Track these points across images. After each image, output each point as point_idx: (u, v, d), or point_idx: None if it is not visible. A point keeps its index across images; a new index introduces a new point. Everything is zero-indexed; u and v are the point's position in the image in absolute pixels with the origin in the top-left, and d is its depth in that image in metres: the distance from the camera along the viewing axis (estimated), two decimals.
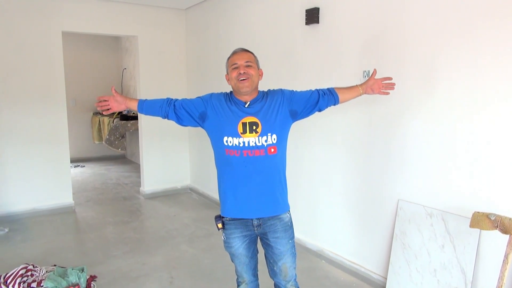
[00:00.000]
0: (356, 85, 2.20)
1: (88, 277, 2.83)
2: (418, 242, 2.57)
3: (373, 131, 2.85)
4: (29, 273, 2.77)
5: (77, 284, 2.66)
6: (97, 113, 7.55)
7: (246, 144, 1.94)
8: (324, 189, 3.31)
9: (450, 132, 2.37)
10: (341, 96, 2.14)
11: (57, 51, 4.48)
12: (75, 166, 7.08)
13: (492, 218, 1.85)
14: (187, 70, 5.42)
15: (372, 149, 2.87)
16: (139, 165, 5.52)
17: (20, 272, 2.73)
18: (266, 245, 2.08)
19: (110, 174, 6.65)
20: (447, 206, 2.43)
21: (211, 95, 2.08)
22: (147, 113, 2.10)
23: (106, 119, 7.03)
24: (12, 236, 3.92)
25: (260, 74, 2.05)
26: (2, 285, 2.62)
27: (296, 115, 2.07)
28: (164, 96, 2.30)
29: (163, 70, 5.26)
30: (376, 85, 2.24)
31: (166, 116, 2.07)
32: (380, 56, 2.74)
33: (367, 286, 2.94)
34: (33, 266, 2.86)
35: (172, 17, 5.24)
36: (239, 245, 2.07)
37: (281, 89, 2.08)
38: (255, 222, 2.01)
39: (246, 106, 1.99)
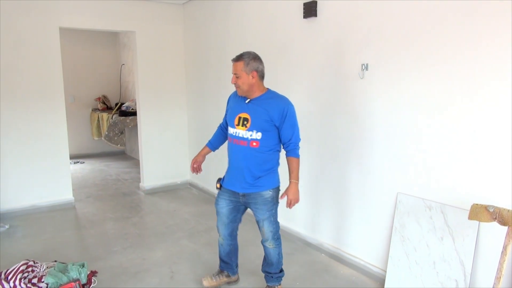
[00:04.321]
0: (292, 180, 2.48)
1: (88, 272, 2.84)
2: (417, 235, 2.57)
3: (372, 124, 2.85)
4: (30, 269, 2.77)
5: (78, 280, 2.67)
6: (96, 109, 7.54)
7: (236, 135, 2.47)
8: (323, 183, 3.31)
9: (449, 125, 2.37)
10: (288, 160, 2.47)
11: (54, 47, 4.47)
12: (74, 163, 7.09)
13: (491, 210, 1.85)
14: (185, 64, 5.40)
15: (371, 142, 2.87)
16: (139, 160, 5.52)
17: (21, 268, 2.74)
18: (252, 211, 2.58)
19: (110, 170, 6.65)
20: (446, 199, 2.43)
21: (229, 97, 2.66)
22: (220, 145, 2.84)
23: (105, 115, 7.03)
24: (12, 232, 3.93)
25: (253, 77, 2.39)
26: (3, 281, 2.63)
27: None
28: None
29: (161, 65, 5.24)
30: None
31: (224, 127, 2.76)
32: (379, 49, 2.73)
33: (367, 279, 2.96)
34: (34, 262, 2.87)
35: (170, 12, 5.21)
36: (223, 205, 2.63)
37: (287, 108, 2.40)
38: (240, 194, 2.53)
39: (246, 102, 2.46)
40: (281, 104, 2.41)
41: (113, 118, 6.72)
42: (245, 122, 2.41)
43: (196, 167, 2.82)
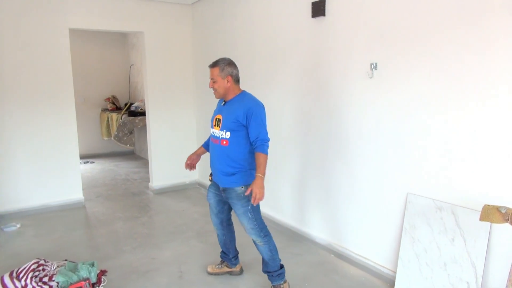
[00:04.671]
0: (257, 174, 2.50)
1: (98, 271, 2.86)
2: (428, 236, 2.55)
3: (381, 124, 2.82)
4: (40, 268, 2.80)
5: (88, 279, 2.69)
6: (105, 110, 7.60)
7: (213, 134, 2.71)
8: (332, 183, 3.29)
9: (460, 124, 2.34)
10: (255, 155, 2.55)
11: (64, 48, 4.51)
12: (84, 162, 7.15)
13: (503, 211, 1.82)
14: (193, 65, 5.42)
15: (380, 141, 2.84)
16: (148, 160, 5.55)
17: (32, 267, 2.77)
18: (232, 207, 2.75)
19: (119, 170, 6.70)
20: (457, 199, 2.40)
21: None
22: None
23: (114, 116, 7.08)
24: (24, 231, 3.98)
25: (228, 81, 2.60)
26: (14, 280, 2.66)
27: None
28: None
29: (169, 66, 5.26)
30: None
31: None
32: (388, 48, 2.70)
33: (376, 280, 2.93)
34: (45, 261, 2.90)
35: (178, 12, 5.23)
36: (211, 197, 2.86)
37: (252, 108, 2.55)
38: (221, 188, 2.70)
39: (222, 104, 2.73)
40: (246, 105, 2.57)
41: (122, 118, 6.77)
42: (219, 123, 2.66)
43: (190, 164, 2.97)
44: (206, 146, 2.96)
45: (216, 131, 2.67)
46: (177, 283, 2.94)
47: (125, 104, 7.37)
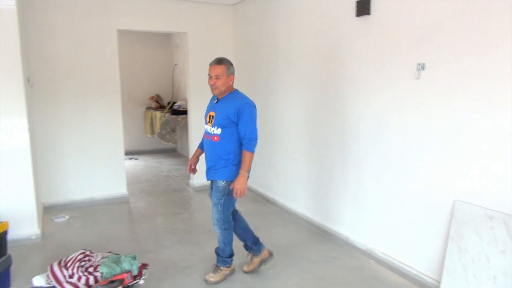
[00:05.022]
0: (241, 171, 2.69)
1: (140, 264, 2.95)
2: (476, 246, 2.41)
3: (428, 126, 2.71)
4: (86, 258, 2.93)
5: (130, 271, 2.78)
6: (149, 108, 7.84)
7: (206, 130, 2.84)
8: (374, 186, 3.20)
9: None
10: (242, 151, 2.71)
11: (113, 48, 4.69)
12: (129, 159, 7.41)
13: None
14: (234, 64, 5.44)
15: (426, 145, 2.73)
16: (189, 158, 5.66)
17: (79, 257, 2.90)
18: None
19: (161, 167, 6.89)
20: (509, 209, 2.26)
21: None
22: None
23: (158, 114, 7.28)
24: (72, 223, 4.18)
25: (231, 80, 2.76)
26: (62, 268, 2.80)
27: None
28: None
29: None
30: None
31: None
32: (437, 48, 2.59)
33: None
34: (90, 252, 3.03)
35: (221, 12, 5.29)
36: (210, 191, 2.97)
37: (243, 107, 2.68)
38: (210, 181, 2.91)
39: (215, 102, 2.83)
40: (237, 103, 2.69)
41: (165, 117, 6.95)
42: (211, 119, 2.78)
43: (193, 168, 3.12)
44: (202, 147, 3.05)
45: (209, 127, 2.80)
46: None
47: (168, 103, 7.57)
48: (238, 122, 2.69)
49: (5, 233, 2.87)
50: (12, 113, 3.45)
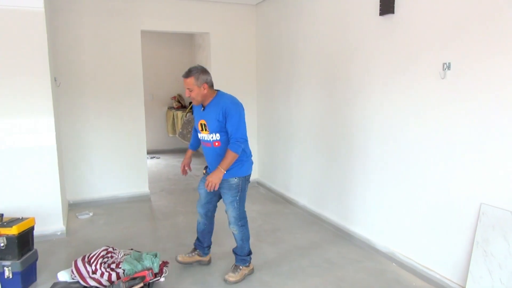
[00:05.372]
0: (218, 166, 2.73)
1: (160, 262, 2.98)
2: (504, 251, 2.33)
3: (453, 127, 2.64)
4: (109, 255, 2.99)
5: (151, 268, 2.82)
6: (171, 108, 7.94)
7: (203, 138, 2.85)
8: (397, 188, 3.14)
9: None
10: (227, 150, 2.72)
11: (136, 49, 4.78)
12: (151, 158, 7.52)
13: None
14: (256, 64, 5.47)
15: (451, 146, 2.66)
16: None
17: (102, 253, 2.96)
18: (222, 197, 2.95)
19: None
20: None
21: (193, 106, 2.94)
22: (199, 145, 3.12)
23: (179, 114, 7.37)
24: (95, 219, 4.28)
25: (204, 88, 2.70)
26: (86, 264, 2.86)
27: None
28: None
29: (233, 65, 5.36)
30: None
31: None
32: (464, 46, 2.52)
33: None
34: (113, 249, 3.08)
35: (243, 13, 5.31)
36: (202, 187, 2.99)
37: (229, 107, 2.68)
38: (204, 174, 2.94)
39: (202, 110, 2.82)
40: (223, 105, 2.69)
41: (186, 116, 7.02)
42: (205, 127, 2.79)
43: (186, 169, 3.17)
44: (192, 147, 3.16)
45: (206, 135, 2.81)
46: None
47: (190, 103, 7.64)
48: (226, 123, 2.70)
49: (31, 228, 2.96)
50: (40, 112, 3.56)
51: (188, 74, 2.69)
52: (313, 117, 4.23)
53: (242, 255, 2.99)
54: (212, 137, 2.78)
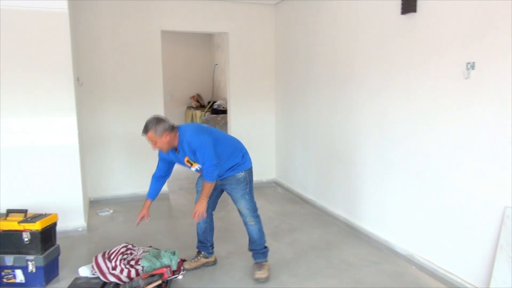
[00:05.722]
0: (200, 196, 2.83)
1: (179, 260, 3.01)
2: None
3: (476, 128, 2.57)
4: (128, 252, 3.04)
5: (169, 266, 2.85)
6: (190, 107, 8.01)
7: (197, 169, 2.86)
8: (417, 190, 3.09)
9: None
10: (202, 182, 2.82)
11: (156, 49, 4.83)
12: None
13: None
14: (275, 64, 5.46)
15: (474, 148, 2.59)
16: None
17: (122, 250, 3.01)
18: (229, 193, 3.00)
19: None
20: None
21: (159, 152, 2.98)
22: (158, 194, 3.21)
23: (198, 113, 7.42)
24: (115, 217, 4.35)
25: (166, 136, 2.69)
26: (106, 260, 2.92)
27: None
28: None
29: (252, 65, 5.37)
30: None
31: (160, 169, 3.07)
32: (489, 45, 2.45)
33: None
34: (132, 246, 3.13)
35: (262, 12, 5.31)
36: (200, 184, 2.99)
37: (191, 142, 2.72)
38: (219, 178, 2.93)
39: (177, 153, 2.84)
40: (187, 142, 2.73)
41: (205, 116, 7.07)
42: (191, 161, 2.82)
43: (142, 219, 3.09)
44: (152, 195, 3.11)
45: (197, 166, 2.83)
46: (251, 279, 2.98)
47: (208, 102, 7.69)
48: (197, 154, 2.74)
49: (54, 224, 3.04)
50: (63, 111, 3.64)
51: (146, 130, 2.71)
52: (330, 118, 4.19)
53: (260, 249, 3.02)
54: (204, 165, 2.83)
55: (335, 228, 4.00)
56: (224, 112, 6.83)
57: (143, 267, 2.87)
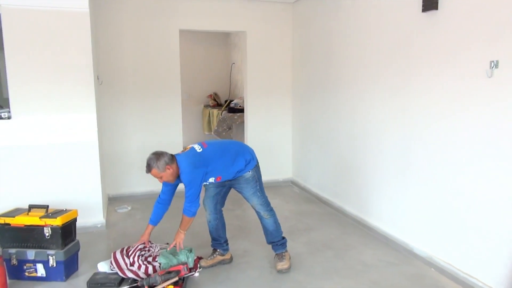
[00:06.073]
0: (179, 229, 3.00)
1: (195, 257, 3.03)
2: None
3: (501, 128, 2.51)
4: (146, 248, 3.08)
5: (186, 263, 2.87)
6: (207, 106, 8.04)
7: (211, 183, 3.00)
8: (438, 190, 3.03)
9: None
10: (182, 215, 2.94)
11: (174, 48, 4.88)
12: None
13: None
14: (292, 63, 5.43)
15: (499, 148, 2.53)
16: None
17: (139, 247, 3.05)
18: (239, 192, 3.08)
19: None
20: None
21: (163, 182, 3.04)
22: (161, 219, 3.21)
23: (215, 112, 7.45)
24: (133, 213, 4.41)
25: (169, 169, 2.78)
26: (124, 256, 2.96)
27: None
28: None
29: (269, 64, 5.36)
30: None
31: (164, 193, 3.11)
32: None
33: None
34: (150, 243, 3.17)
35: (280, 11, 5.29)
36: (209, 194, 3.08)
37: (184, 178, 2.82)
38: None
39: (180, 182, 2.90)
40: (182, 177, 2.83)
41: (222, 114, 7.09)
42: (205, 182, 2.92)
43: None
44: (153, 223, 3.14)
45: (212, 179, 2.94)
46: (268, 278, 2.98)
47: (225, 101, 7.71)
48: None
49: (74, 220, 3.10)
50: (83, 109, 3.71)
51: (149, 169, 2.80)
52: (349, 117, 4.15)
53: (279, 240, 3.08)
54: (210, 180, 2.92)
55: (352, 228, 3.96)
56: (241, 111, 6.83)
57: (160, 263, 2.90)
